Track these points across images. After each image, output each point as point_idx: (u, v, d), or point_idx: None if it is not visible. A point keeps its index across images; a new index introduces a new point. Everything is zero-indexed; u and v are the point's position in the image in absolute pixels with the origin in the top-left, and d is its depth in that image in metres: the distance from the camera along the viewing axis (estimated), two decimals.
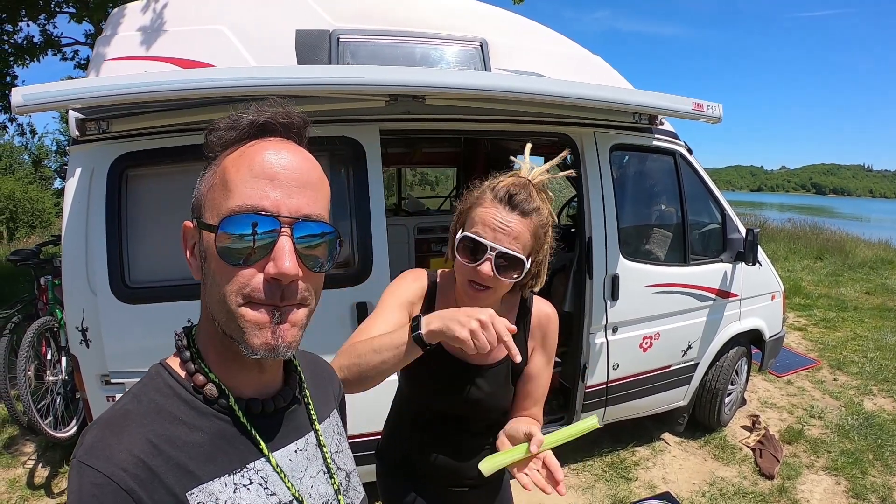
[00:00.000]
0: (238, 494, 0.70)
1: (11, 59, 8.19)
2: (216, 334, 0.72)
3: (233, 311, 0.67)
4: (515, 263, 1.31)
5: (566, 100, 2.66)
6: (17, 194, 16.77)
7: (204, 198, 0.72)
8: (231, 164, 0.69)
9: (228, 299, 0.67)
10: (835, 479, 3.64)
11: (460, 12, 3.30)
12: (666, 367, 3.66)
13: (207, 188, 0.72)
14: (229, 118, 0.73)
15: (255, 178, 0.67)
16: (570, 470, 3.68)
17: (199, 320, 0.77)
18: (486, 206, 1.33)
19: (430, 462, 1.54)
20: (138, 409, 0.69)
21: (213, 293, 0.69)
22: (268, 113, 0.72)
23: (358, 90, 2.43)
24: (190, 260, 0.74)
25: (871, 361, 5.66)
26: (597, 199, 3.27)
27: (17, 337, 3.90)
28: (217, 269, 0.68)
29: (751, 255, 3.73)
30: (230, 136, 0.72)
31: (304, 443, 0.81)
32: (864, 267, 10.86)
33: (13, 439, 4.10)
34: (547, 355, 1.53)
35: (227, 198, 0.67)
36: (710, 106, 3.12)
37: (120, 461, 0.63)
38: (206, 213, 0.71)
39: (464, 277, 1.36)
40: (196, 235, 0.73)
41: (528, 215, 1.31)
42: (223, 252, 0.66)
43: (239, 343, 0.68)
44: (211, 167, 0.74)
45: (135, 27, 2.91)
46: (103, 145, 2.57)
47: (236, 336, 0.68)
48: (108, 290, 2.53)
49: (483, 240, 1.29)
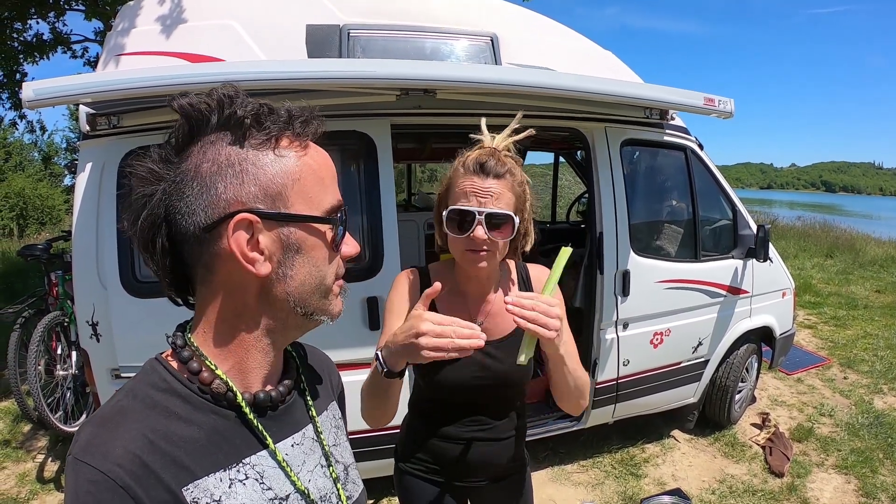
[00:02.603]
0: (234, 489, 0.70)
1: (21, 56, 8.22)
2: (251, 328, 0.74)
3: (330, 287, 0.77)
4: (506, 221, 1.34)
5: (576, 94, 2.66)
6: (28, 191, 16.88)
7: (288, 190, 0.70)
8: (318, 165, 0.75)
9: (328, 280, 0.76)
10: (845, 477, 3.61)
11: (470, 7, 3.29)
12: (676, 364, 3.64)
13: (291, 181, 0.70)
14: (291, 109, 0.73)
15: (333, 177, 0.77)
16: (579, 466, 3.67)
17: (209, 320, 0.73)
18: (462, 179, 1.36)
19: (452, 457, 1.53)
20: (134, 404, 0.68)
21: (310, 278, 0.74)
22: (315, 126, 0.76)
23: (369, 84, 2.43)
24: (251, 256, 0.68)
25: (881, 360, 5.61)
26: (607, 195, 3.26)
27: (28, 332, 3.92)
28: (323, 255, 0.75)
29: (762, 252, 3.70)
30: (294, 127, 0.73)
31: (301, 437, 0.81)
32: (875, 265, 10.76)
33: (24, 434, 4.13)
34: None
35: (325, 193, 0.74)
36: (722, 101, 3.10)
37: (116, 457, 0.62)
38: (297, 206, 0.71)
39: (460, 250, 1.38)
40: (270, 228, 0.69)
41: (502, 176, 1.35)
42: (337, 238, 0.76)
43: (321, 316, 0.77)
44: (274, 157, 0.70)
45: (144, 23, 2.91)
46: (114, 140, 2.58)
47: (321, 310, 0.77)
48: (118, 284, 2.54)
49: (468, 207, 1.33)
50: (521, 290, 1.54)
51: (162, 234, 0.70)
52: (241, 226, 0.67)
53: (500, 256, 1.40)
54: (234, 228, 0.67)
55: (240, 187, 0.68)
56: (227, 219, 0.67)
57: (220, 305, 0.73)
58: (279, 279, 0.72)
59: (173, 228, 0.69)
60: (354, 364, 2.72)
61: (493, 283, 1.50)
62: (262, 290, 0.72)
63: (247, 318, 0.73)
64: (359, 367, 2.75)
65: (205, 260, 0.70)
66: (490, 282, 1.49)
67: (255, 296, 0.72)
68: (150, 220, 0.69)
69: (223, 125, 0.68)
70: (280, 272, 0.71)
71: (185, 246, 0.70)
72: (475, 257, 1.36)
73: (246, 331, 0.73)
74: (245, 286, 0.71)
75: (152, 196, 0.69)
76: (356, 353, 2.74)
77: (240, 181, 0.68)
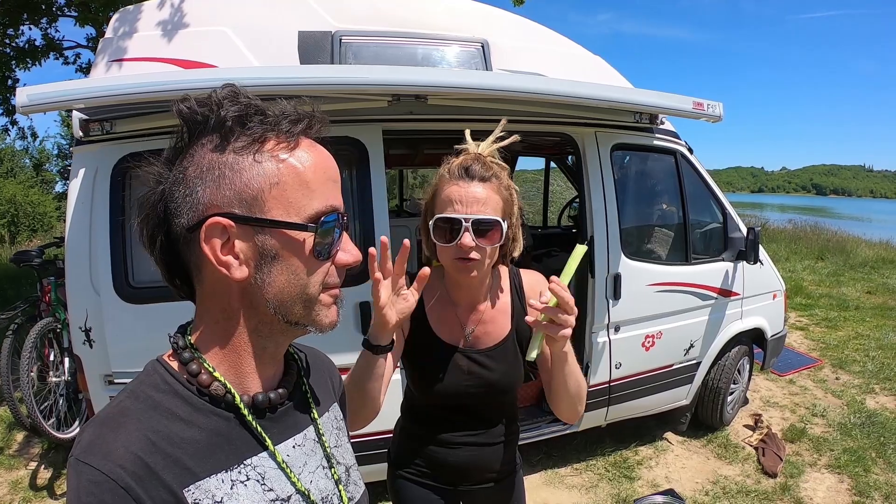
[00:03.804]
0: (235, 491, 0.70)
1: (13, 62, 8.21)
2: (235, 329, 0.73)
3: (315, 298, 0.73)
4: (493, 227, 1.33)
5: (567, 99, 2.68)
6: (19, 198, 16.77)
7: (265, 194, 0.69)
8: (305, 167, 0.71)
9: (311, 289, 0.73)
10: (838, 476, 3.64)
11: (462, 14, 3.32)
12: (668, 366, 3.66)
13: (268, 185, 0.69)
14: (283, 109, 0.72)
15: (326, 179, 0.73)
16: (573, 469, 3.68)
17: (207, 321, 0.75)
18: (447, 186, 1.36)
19: (445, 461, 1.54)
20: (135, 405, 0.69)
21: (289, 286, 0.71)
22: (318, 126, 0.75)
23: (360, 90, 2.44)
24: (224, 260, 0.69)
25: (872, 360, 5.66)
26: (598, 199, 3.28)
27: (20, 339, 3.90)
28: (303, 263, 0.72)
29: (752, 254, 3.73)
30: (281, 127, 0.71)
31: (303, 438, 0.81)
32: (866, 267, 10.86)
33: (17, 441, 4.11)
34: None
35: (310, 198, 0.71)
36: (711, 105, 3.14)
37: (117, 458, 0.62)
38: (274, 211, 0.69)
39: (449, 259, 1.37)
40: (246, 233, 0.69)
41: (487, 180, 1.34)
42: (319, 246, 0.72)
43: (306, 325, 0.74)
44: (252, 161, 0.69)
45: (137, 29, 2.92)
46: (107, 146, 2.58)
47: (307, 321, 0.74)
48: (111, 289, 2.54)
49: (454, 215, 1.32)
50: (514, 297, 1.53)
51: (161, 233, 0.72)
52: (215, 230, 0.68)
53: (490, 263, 1.39)
54: (207, 232, 0.67)
55: (217, 191, 0.68)
56: (204, 222, 0.68)
57: (211, 307, 0.74)
58: (259, 285, 0.71)
59: (169, 229, 0.71)
60: (346, 369, 2.72)
61: (483, 290, 1.49)
62: (243, 294, 0.72)
63: (235, 321, 0.73)
64: None
65: (193, 261, 0.72)
66: (480, 289, 1.48)
67: (239, 299, 0.72)
68: (152, 220, 0.72)
69: (214, 128, 0.69)
70: (259, 278, 0.70)
71: (179, 246, 0.72)
72: (464, 266, 1.34)
73: (236, 333, 0.73)
74: (227, 289, 0.72)
75: (153, 197, 0.71)
76: (348, 357, 2.73)
77: (217, 185, 0.68)
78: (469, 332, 1.48)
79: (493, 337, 1.49)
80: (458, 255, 1.33)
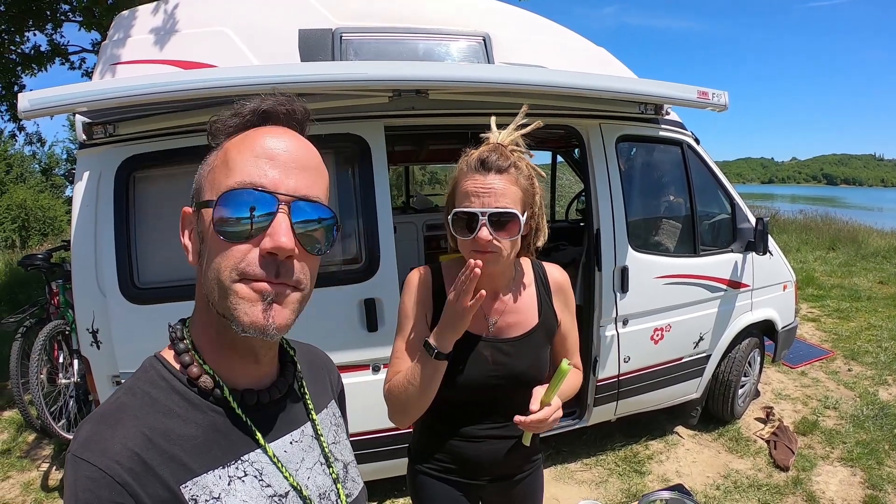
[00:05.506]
0: (232, 486, 0.70)
1: (19, 68, 8.28)
2: (212, 321, 0.72)
3: (227, 287, 0.66)
4: (511, 220, 1.33)
5: (570, 90, 2.65)
6: (29, 203, 16.99)
7: (204, 180, 0.73)
8: (233, 146, 0.71)
9: (223, 275, 0.67)
10: (850, 469, 3.60)
11: (462, 8, 3.30)
12: (678, 360, 3.63)
13: (208, 171, 0.73)
14: (233, 107, 0.75)
15: (255, 157, 0.68)
16: (582, 465, 3.66)
17: (195, 310, 0.77)
18: (465, 178, 1.36)
19: (468, 455, 1.53)
20: (132, 402, 0.69)
21: (210, 271, 0.68)
22: (270, 101, 0.74)
23: (361, 85, 2.43)
24: (186, 244, 0.74)
25: (885, 351, 5.59)
26: (604, 191, 3.25)
27: (30, 341, 3.94)
28: (214, 245, 0.68)
29: (761, 245, 3.69)
30: (233, 123, 0.74)
31: (300, 434, 0.81)
32: (877, 256, 10.72)
33: (28, 443, 4.14)
34: (571, 312, 1.61)
35: (227, 176, 0.69)
36: (716, 94, 3.10)
37: (114, 454, 0.63)
38: (205, 194, 0.72)
39: (468, 251, 1.37)
40: (195, 219, 0.73)
41: (505, 171, 1.33)
42: (221, 225, 0.66)
43: (230, 321, 0.67)
44: (213, 153, 0.75)
45: (138, 32, 2.93)
46: (110, 148, 2.59)
47: (228, 314, 0.67)
48: (117, 291, 2.55)
49: (471, 209, 1.32)
50: (539, 289, 1.54)
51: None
52: (184, 219, 0.75)
53: (511, 254, 1.39)
54: (182, 221, 0.75)
55: (194, 186, 0.75)
56: None
57: (197, 295, 0.75)
58: (200, 271, 0.73)
59: None
60: (352, 366, 2.73)
61: (505, 281, 1.49)
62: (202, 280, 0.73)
63: (207, 310, 0.73)
64: (357, 369, 2.75)
65: None
66: (502, 280, 1.48)
67: (201, 286, 0.74)
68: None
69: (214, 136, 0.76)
70: (200, 264, 0.72)
71: None
72: (482, 258, 1.33)
73: (211, 324, 0.73)
74: (198, 276, 0.74)
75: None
76: (354, 355, 2.74)
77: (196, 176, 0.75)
78: (493, 322, 1.48)
79: (518, 328, 1.49)
80: (476, 248, 1.34)
